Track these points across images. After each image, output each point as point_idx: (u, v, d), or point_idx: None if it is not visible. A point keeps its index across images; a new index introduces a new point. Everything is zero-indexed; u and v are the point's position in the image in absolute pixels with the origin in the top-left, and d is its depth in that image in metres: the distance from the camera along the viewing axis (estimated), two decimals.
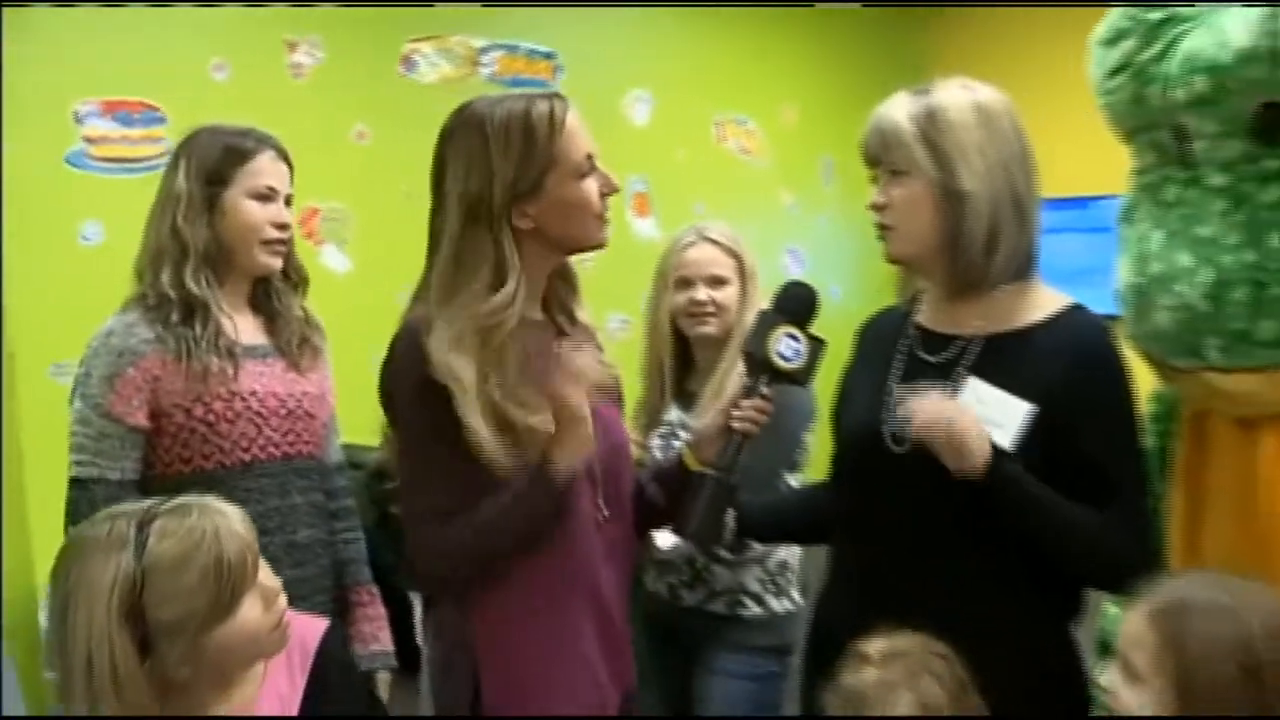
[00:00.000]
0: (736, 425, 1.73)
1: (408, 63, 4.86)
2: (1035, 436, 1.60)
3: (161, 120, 4.17)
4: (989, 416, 1.60)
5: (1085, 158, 5.84)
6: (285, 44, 4.49)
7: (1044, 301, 1.70)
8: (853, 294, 5.76)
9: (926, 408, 1.60)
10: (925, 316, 1.80)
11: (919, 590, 1.64)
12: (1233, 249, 1.65)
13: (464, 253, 1.67)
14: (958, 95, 1.70)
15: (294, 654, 1.64)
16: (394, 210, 4.69)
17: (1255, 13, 1.59)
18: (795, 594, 2.42)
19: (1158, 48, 1.73)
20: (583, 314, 1.84)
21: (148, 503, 1.52)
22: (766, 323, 1.75)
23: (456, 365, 1.60)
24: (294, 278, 2.17)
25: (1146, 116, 1.78)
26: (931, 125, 1.67)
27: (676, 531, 1.81)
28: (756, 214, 5.93)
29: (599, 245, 1.75)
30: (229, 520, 1.50)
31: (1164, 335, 1.72)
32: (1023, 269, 1.70)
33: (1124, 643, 1.48)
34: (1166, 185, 1.77)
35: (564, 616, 1.70)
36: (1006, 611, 1.66)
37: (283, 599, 1.56)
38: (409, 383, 1.65)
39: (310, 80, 4.54)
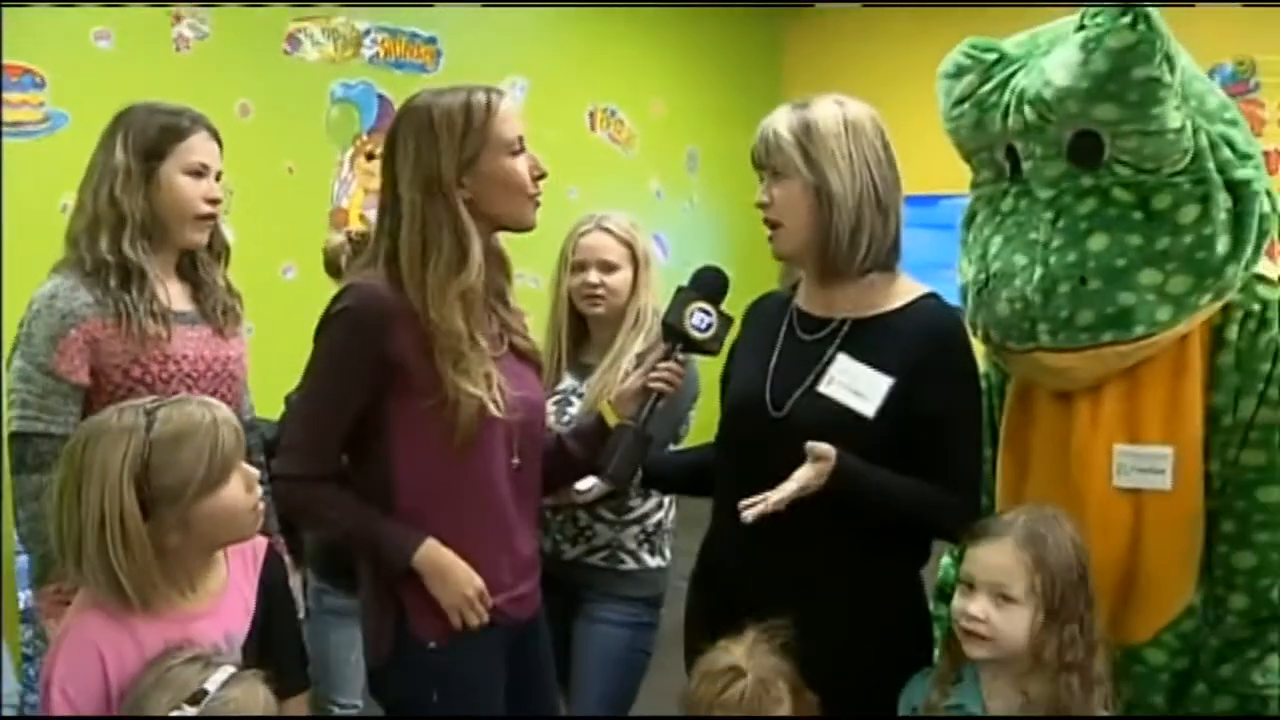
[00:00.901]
0: (653, 384, 2.01)
1: (292, 41, 4.93)
2: (893, 405, 1.90)
3: (40, 86, 4.17)
4: (855, 389, 1.91)
5: (932, 158, 6.24)
6: (170, 16, 4.52)
7: (904, 290, 2.01)
8: None
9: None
10: (803, 300, 2.08)
11: (791, 538, 1.91)
12: (1057, 250, 1.96)
13: (427, 224, 1.90)
14: (830, 109, 1.99)
15: (248, 561, 1.85)
16: (276, 185, 4.79)
17: (1071, 57, 1.90)
18: (667, 552, 2.68)
19: (993, 83, 2.04)
20: (512, 296, 2.06)
21: (151, 398, 1.74)
22: (683, 298, 2.03)
23: (456, 324, 1.86)
24: (216, 248, 2.32)
25: (985, 139, 2.09)
26: (806, 135, 1.95)
27: (595, 473, 2.07)
28: (626, 200, 6.16)
29: (527, 225, 1.98)
30: (223, 411, 1.72)
31: (1003, 322, 2.03)
32: (888, 260, 2.01)
33: (993, 576, 1.81)
34: (1004, 197, 2.09)
35: (480, 553, 1.92)
36: (865, 558, 1.95)
37: (259, 487, 1.75)
38: (342, 333, 1.88)
39: (194, 54, 4.58)
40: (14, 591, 2.71)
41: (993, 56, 2.05)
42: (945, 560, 2.31)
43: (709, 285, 2.06)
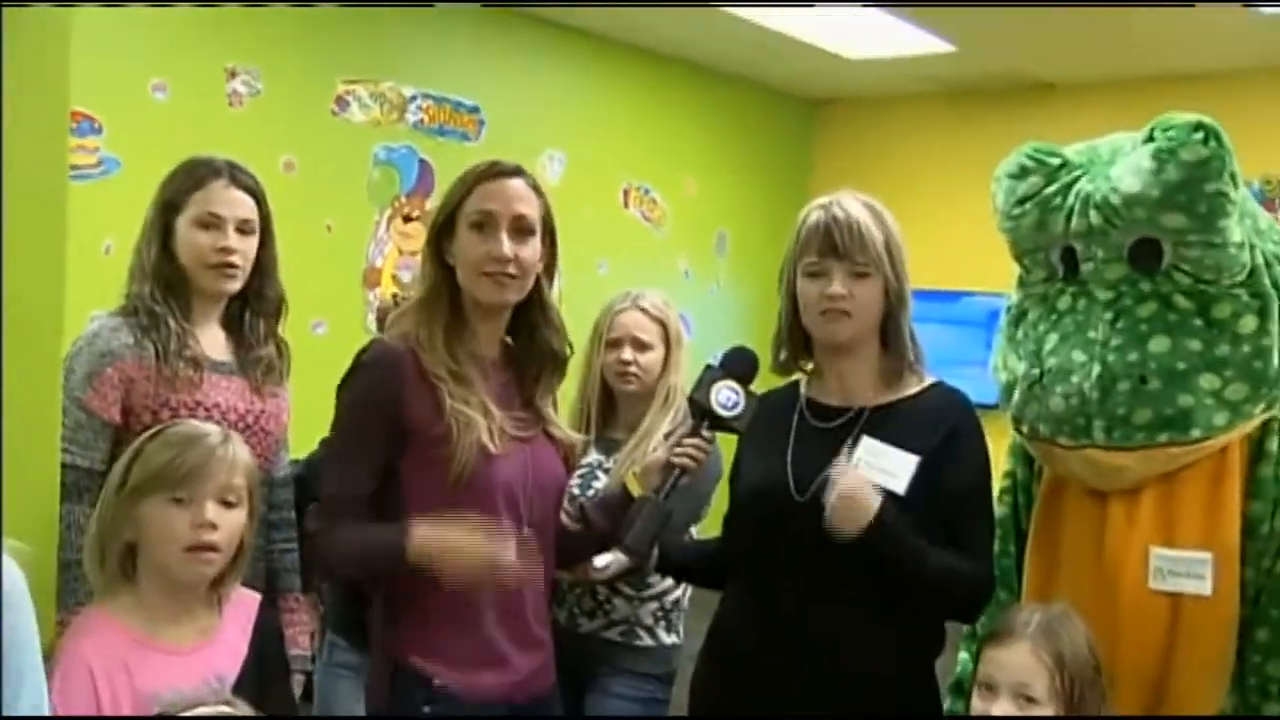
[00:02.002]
0: (676, 460, 1.99)
1: (340, 102, 5.05)
2: (919, 484, 1.93)
3: (98, 132, 4.27)
4: (883, 468, 1.93)
5: (955, 254, 6.31)
6: (226, 71, 4.64)
7: (915, 378, 2.05)
8: None
9: (844, 474, 1.89)
10: (814, 391, 2.10)
11: (810, 621, 1.93)
12: (1117, 350, 2.00)
13: (423, 275, 1.99)
14: (879, 204, 2.03)
15: (242, 616, 1.87)
16: (314, 241, 4.86)
17: (1142, 165, 1.96)
18: (682, 629, 2.67)
19: (1057, 186, 2.09)
20: (543, 405, 2.05)
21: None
22: (711, 376, 2.03)
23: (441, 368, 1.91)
24: (267, 303, 2.33)
25: (1044, 239, 2.13)
26: (886, 230, 2.00)
27: (613, 541, 2.04)
28: (654, 278, 6.22)
29: (486, 301, 1.95)
30: (237, 450, 1.79)
31: (1057, 418, 2.06)
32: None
33: (1015, 677, 1.83)
34: (1060, 295, 2.13)
35: (481, 628, 1.91)
36: (884, 642, 1.96)
37: (211, 539, 1.75)
38: (356, 388, 1.94)
39: (246, 109, 4.69)
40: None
41: (1057, 161, 2.11)
42: (963, 656, 2.30)
43: (739, 365, 2.06)
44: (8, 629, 1.46)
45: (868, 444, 1.97)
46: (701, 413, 2.02)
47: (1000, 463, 2.31)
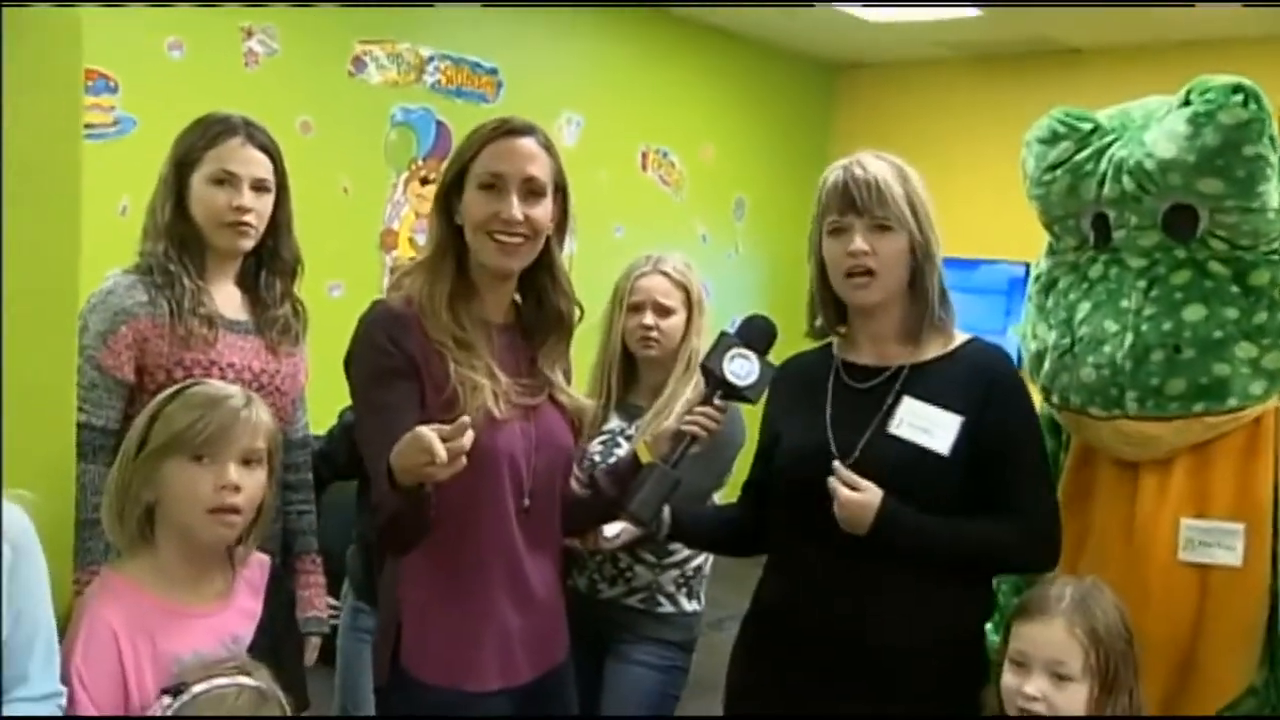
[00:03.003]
0: (686, 428, 1.96)
1: (357, 63, 5.00)
2: (963, 442, 1.89)
3: (113, 90, 4.24)
4: (924, 428, 1.90)
5: (975, 222, 6.26)
6: (241, 31, 4.59)
7: (952, 334, 2.01)
8: None
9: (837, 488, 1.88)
10: (848, 353, 2.06)
11: (857, 583, 1.91)
12: (1150, 319, 1.97)
13: (430, 233, 1.95)
14: (904, 163, 1.99)
15: (255, 578, 1.86)
16: (330, 203, 4.83)
17: (1178, 130, 1.91)
18: (703, 597, 2.66)
19: (1089, 151, 2.05)
20: (549, 369, 2.00)
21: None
22: (725, 343, 1.99)
23: (445, 335, 1.87)
24: (283, 263, 2.31)
25: (1075, 206, 2.10)
26: (908, 186, 1.95)
27: (618, 507, 2.01)
28: (671, 242, 6.17)
29: (491, 265, 1.91)
30: (260, 413, 1.77)
31: (1089, 387, 2.03)
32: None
33: (1048, 654, 1.80)
34: (1092, 264, 2.09)
35: (481, 594, 1.89)
36: (926, 602, 1.92)
37: (234, 501, 1.73)
38: (363, 348, 1.90)
39: (262, 69, 4.65)
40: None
41: (1088, 126, 2.07)
42: (988, 626, 2.28)
43: (755, 333, 2.02)
44: (8, 570, 1.46)
45: (908, 404, 1.94)
46: (714, 381, 1.98)
47: None
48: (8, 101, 1.61)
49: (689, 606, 2.61)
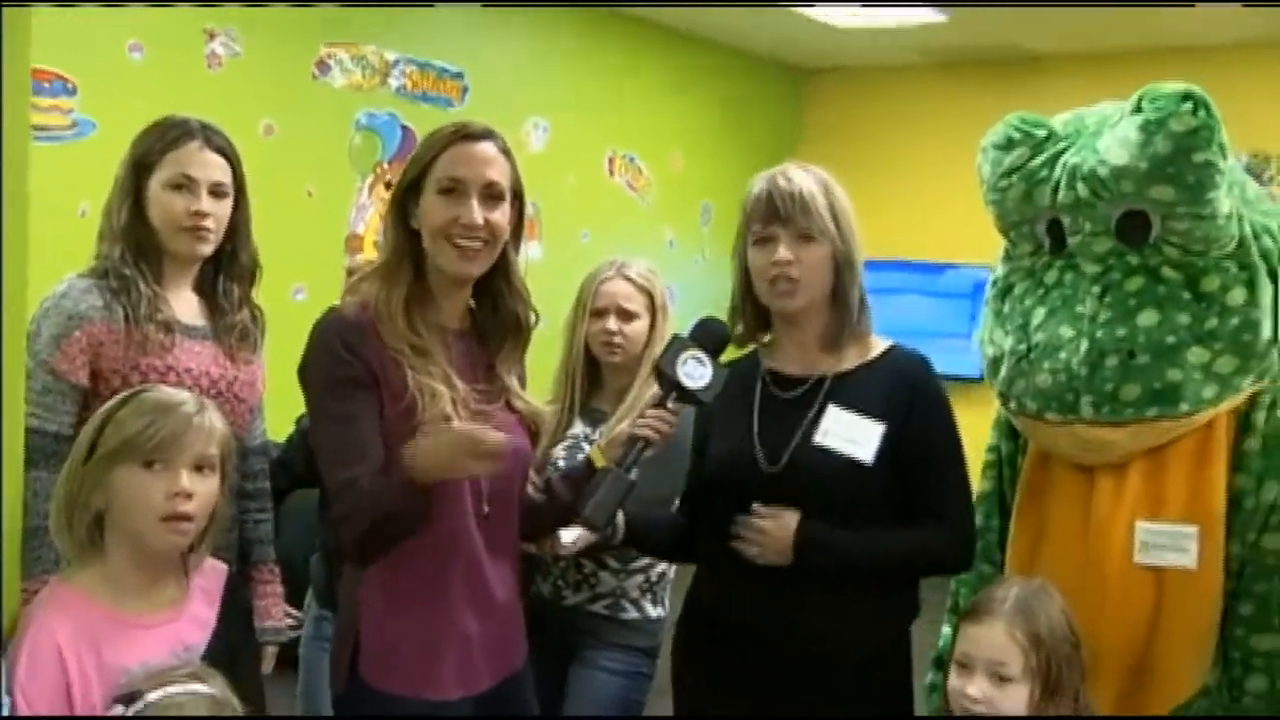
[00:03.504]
0: (639, 431, 1.94)
1: (321, 66, 4.97)
2: (887, 449, 1.94)
3: (72, 93, 4.19)
4: (849, 437, 1.94)
5: (939, 228, 6.30)
6: (204, 33, 4.55)
7: (874, 343, 2.06)
8: None
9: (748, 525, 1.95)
10: (774, 361, 2.08)
11: (780, 591, 1.94)
12: (1105, 325, 1.99)
13: (385, 236, 1.94)
14: (828, 175, 2.02)
15: (210, 586, 1.83)
16: (294, 207, 4.80)
17: (1130, 136, 1.94)
18: (666, 603, 2.65)
19: (1044, 157, 2.07)
20: (506, 374, 1.99)
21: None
22: (678, 345, 1.97)
23: (400, 340, 1.85)
24: (241, 268, 2.29)
25: (1030, 212, 2.11)
26: (831, 197, 1.98)
27: (572, 512, 1.99)
28: (638, 247, 6.17)
29: (451, 272, 1.89)
30: (212, 419, 1.75)
31: (1045, 393, 2.05)
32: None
33: (989, 655, 1.83)
34: (1047, 269, 2.11)
35: (441, 600, 1.87)
36: (851, 610, 1.96)
37: (186, 509, 1.70)
38: (318, 354, 1.88)
39: (225, 70, 4.61)
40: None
41: (1043, 132, 2.09)
42: (945, 630, 2.30)
43: (708, 336, 2.01)
44: None
45: (833, 414, 1.97)
46: (667, 384, 1.96)
47: (984, 437, 2.31)
48: None
49: (654, 612, 2.60)
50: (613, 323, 2.60)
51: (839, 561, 1.93)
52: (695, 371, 1.95)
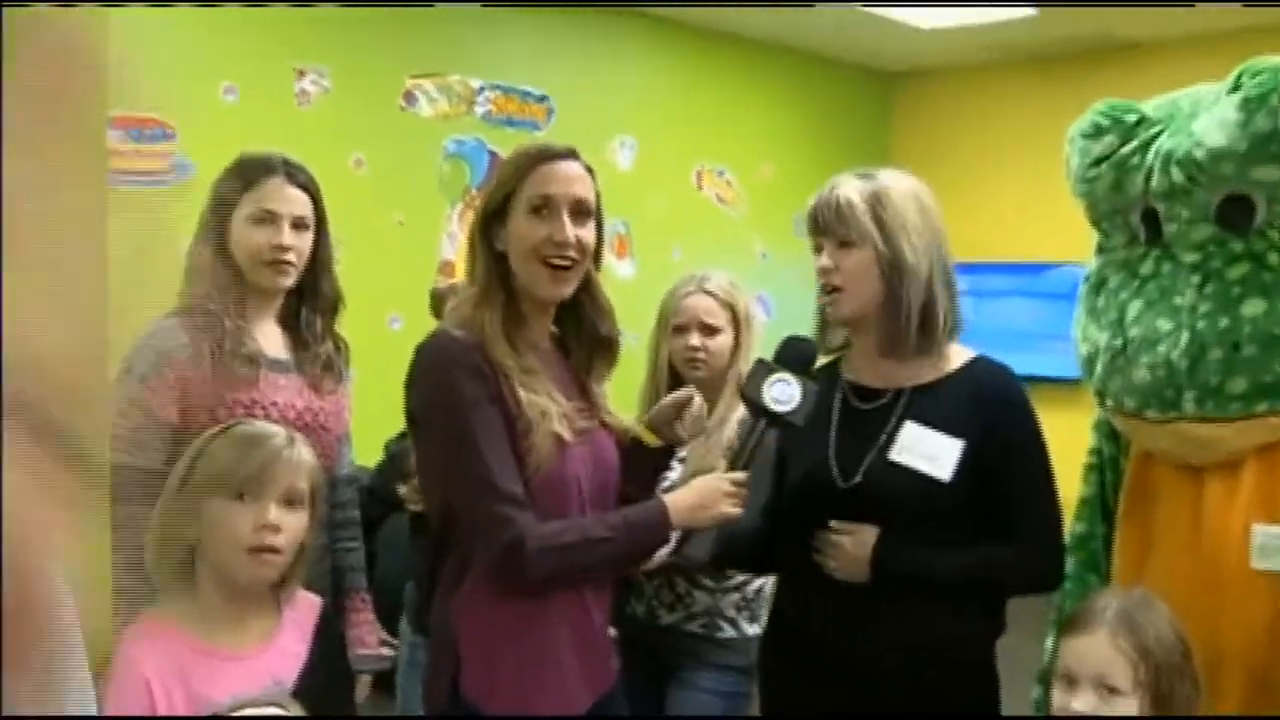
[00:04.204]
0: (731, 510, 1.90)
1: (408, 97, 5.05)
2: (966, 467, 1.89)
3: (171, 137, 4.32)
4: (926, 454, 1.88)
5: (1039, 228, 6.13)
6: (294, 71, 4.67)
7: (955, 354, 2.00)
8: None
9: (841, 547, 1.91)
10: (853, 373, 2.05)
11: (861, 604, 1.91)
12: (1207, 316, 1.90)
13: (474, 262, 1.93)
14: (898, 180, 1.98)
15: (302, 619, 1.85)
16: (386, 237, 4.88)
17: (1228, 116, 1.84)
18: (763, 619, 2.60)
19: (1135, 144, 1.99)
20: (597, 392, 2.00)
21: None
22: (763, 370, 1.95)
23: (504, 360, 1.84)
24: (325, 300, 2.31)
25: (1122, 202, 2.03)
26: (879, 204, 1.93)
27: (674, 551, 1.96)
28: (730, 260, 6.14)
29: (541, 294, 1.89)
30: (302, 454, 1.77)
31: (1143, 390, 1.96)
32: (954, 333, 2.00)
33: (1095, 669, 1.74)
34: (1142, 261, 2.02)
35: (542, 621, 1.86)
36: (934, 628, 1.91)
37: (273, 541, 1.73)
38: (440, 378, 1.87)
39: (315, 108, 4.72)
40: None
41: (1133, 118, 2.01)
42: (1049, 644, 2.21)
43: (792, 355, 1.98)
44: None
45: (910, 430, 1.93)
46: (756, 410, 1.94)
47: (1086, 439, 2.22)
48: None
49: (750, 630, 2.56)
50: (695, 338, 2.57)
51: (916, 578, 1.89)
52: (783, 394, 1.91)
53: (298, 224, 2.22)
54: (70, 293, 1.74)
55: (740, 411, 2.49)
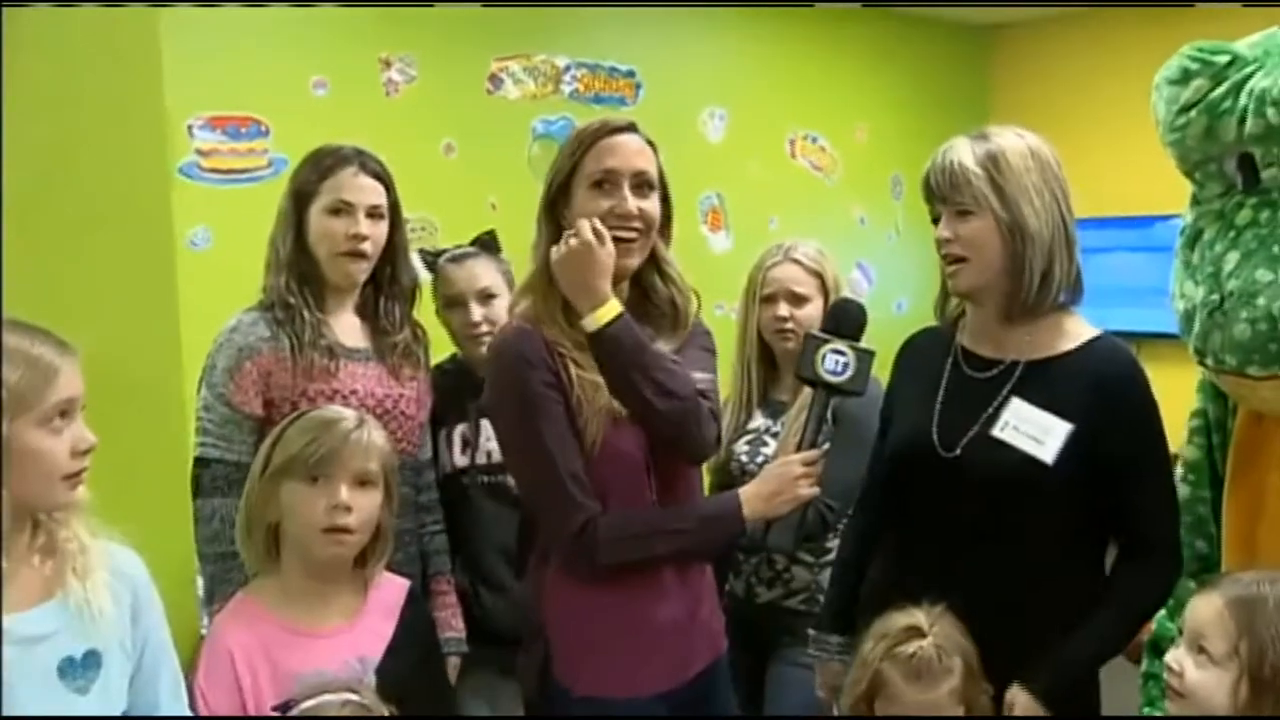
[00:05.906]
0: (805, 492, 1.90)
1: (494, 80, 5.06)
2: (1072, 452, 1.79)
3: (265, 134, 4.41)
4: (1030, 434, 1.80)
5: (1148, 179, 5.86)
6: (380, 62, 4.71)
7: (1076, 331, 1.89)
8: (918, 307, 5.85)
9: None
10: (969, 339, 1.97)
11: (968, 577, 1.84)
12: None
13: (538, 239, 1.93)
14: (1014, 140, 1.87)
15: (389, 599, 1.89)
16: (479, 220, 4.88)
17: None
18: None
19: (1226, 86, 1.88)
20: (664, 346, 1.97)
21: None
22: (812, 344, 1.91)
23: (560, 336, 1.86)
24: (400, 287, 2.33)
25: (1215, 148, 1.93)
26: (995, 168, 1.84)
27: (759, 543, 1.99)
28: (828, 228, 6.05)
29: (613, 270, 1.86)
30: (364, 429, 1.82)
31: (1244, 345, 1.87)
32: (1074, 297, 1.90)
33: (1197, 625, 1.63)
34: (1238, 210, 1.92)
35: (625, 596, 1.87)
36: (1032, 605, 1.84)
37: (345, 521, 1.77)
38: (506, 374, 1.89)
39: (403, 97, 4.76)
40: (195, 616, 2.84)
41: (1224, 59, 1.90)
42: (1160, 613, 2.12)
43: (839, 322, 1.94)
44: (132, 611, 1.55)
45: (1016, 407, 1.85)
46: (813, 386, 1.91)
47: (1189, 400, 2.11)
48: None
49: None
50: (784, 308, 2.54)
51: (1081, 679, 1.85)
52: (836, 364, 1.88)
53: (372, 213, 2.24)
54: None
55: None
